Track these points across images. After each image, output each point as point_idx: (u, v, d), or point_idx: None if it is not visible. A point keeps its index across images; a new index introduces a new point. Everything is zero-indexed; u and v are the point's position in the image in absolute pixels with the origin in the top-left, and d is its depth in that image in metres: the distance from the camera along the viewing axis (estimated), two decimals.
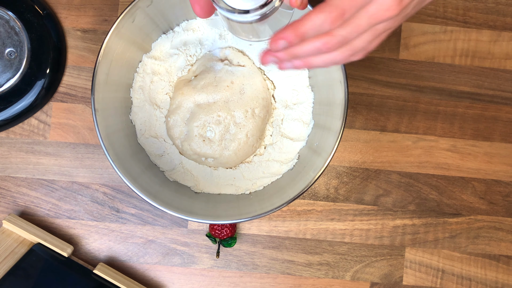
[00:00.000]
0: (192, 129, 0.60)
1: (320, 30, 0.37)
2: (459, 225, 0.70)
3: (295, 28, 0.37)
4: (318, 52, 0.39)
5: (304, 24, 0.37)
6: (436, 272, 0.69)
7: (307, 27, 0.37)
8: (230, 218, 0.54)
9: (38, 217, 0.68)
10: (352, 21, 0.37)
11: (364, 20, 0.37)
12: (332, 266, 0.69)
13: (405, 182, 0.70)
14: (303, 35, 0.38)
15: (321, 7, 0.37)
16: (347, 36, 0.38)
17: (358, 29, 0.38)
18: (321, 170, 0.53)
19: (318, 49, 0.39)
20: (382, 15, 0.37)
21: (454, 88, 0.70)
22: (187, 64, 0.63)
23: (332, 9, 0.36)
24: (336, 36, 0.38)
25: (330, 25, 0.36)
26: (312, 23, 0.37)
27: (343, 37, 0.38)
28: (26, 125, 0.68)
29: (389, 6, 0.37)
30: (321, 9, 0.36)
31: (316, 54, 0.40)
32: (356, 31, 0.38)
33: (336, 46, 0.39)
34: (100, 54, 0.55)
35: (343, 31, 0.38)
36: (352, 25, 0.38)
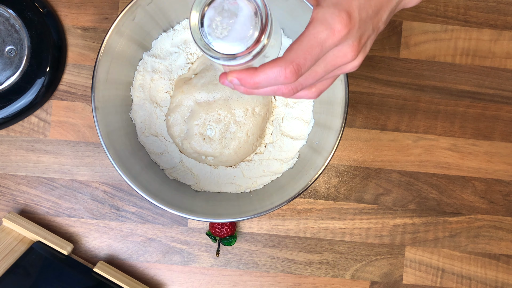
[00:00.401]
0: (192, 127, 0.60)
1: (274, 82, 0.37)
2: (459, 224, 0.69)
3: (250, 76, 0.37)
4: (274, 92, 0.40)
5: (258, 75, 0.37)
6: (436, 271, 0.69)
7: (260, 79, 0.37)
8: (230, 217, 0.54)
9: (38, 215, 0.68)
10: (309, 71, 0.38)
11: (321, 67, 0.38)
12: (332, 265, 0.69)
13: (405, 181, 0.69)
14: (256, 85, 0.38)
15: (276, 61, 0.36)
16: (303, 83, 0.38)
17: (316, 76, 0.38)
18: (321, 169, 0.53)
19: (273, 91, 0.40)
20: (339, 62, 0.37)
21: (454, 87, 0.70)
22: (188, 62, 0.63)
23: (287, 65, 0.36)
24: (290, 85, 0.38)
25: (284, 80, 0.36)
26: (266, 77, 0.37)
27: (298, 84, 0.38)
28: (26, 123, 0.68)
29: (346, 52, 0.37)
30: (276, 63, 0.36)
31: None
32: (313, 79, 0.38)
33: (290, 92, 0.39)
34: (101, 52, 0.55)
35: (300, 79, 0.38)
36: (309, 73, 0.38)
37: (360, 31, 0.37)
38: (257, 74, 0.37)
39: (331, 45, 0.36)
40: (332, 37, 0.35)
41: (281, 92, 0.39)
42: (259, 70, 0.37)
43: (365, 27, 0.37)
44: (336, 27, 0.35)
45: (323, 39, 0.35)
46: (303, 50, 0.35)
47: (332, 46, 0.36)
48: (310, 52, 0.36)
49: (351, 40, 0.36)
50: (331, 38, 0.35)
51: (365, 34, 0.37)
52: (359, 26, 0.36)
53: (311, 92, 0.41)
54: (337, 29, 0.35)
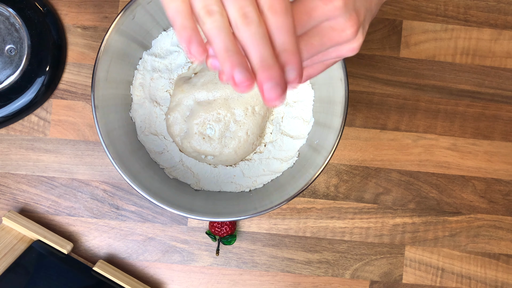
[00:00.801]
0: (192, 126, 0.60)
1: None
2: (459, 223, 0.69)
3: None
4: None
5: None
6: (435, 271, 0.69)
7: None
8: (230, 216, 0.54)
9: (38, 214, 0.68)
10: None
11: (316, 40, 0.33)
12: (332, 264, 0.69)
13: (405, 180, 0.69)
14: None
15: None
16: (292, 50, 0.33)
17: (311, 50, 0.33)
18: (321, 168, 0.53)
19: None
20: (336, 37, 0.33)
21: (454, 87, 0.70)
22: (188, 61, 0.63)
23: None
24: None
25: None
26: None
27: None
28: (26, 122, 0.68)
29: (343, 26, 0.33)
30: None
31: None
32: (308, 52, 0.34)
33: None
34: (100, 51, 0.55)
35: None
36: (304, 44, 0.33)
37: (356, 6, 0.33)
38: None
39: (321, 16, 0.32)
40: (323, 5, 0.32)
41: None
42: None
43: (360, 3, 0.33)
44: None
45: (312, 6, 0.32)
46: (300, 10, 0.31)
47: (323, 17, 0.32)
48: (308, 12, 0.31)
49: (348, 13, 0.32)
50: (322, 6, 0.32)
51: (361, 10, 0.34)
52: (354, 0, 0.33)
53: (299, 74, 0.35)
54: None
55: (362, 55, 0.70)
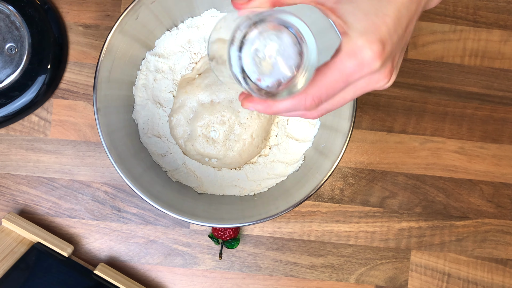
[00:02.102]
0: (196, 128, 0.59)
1: (294, 111, 0.37)
2: (466, 228, 0.68)
3: (269, 107, 0.37)
4: (296, 115, 0.39)
5: (277, 106, 0.36)
6: (442, 276, 0.68)
7: (280, 109, 0.36)
8: (233, 222, 0.53)
9: (38, 215, 0.67)
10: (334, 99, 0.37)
11: (349, 94, 0.36)
12: (336, 268, 0.68)
13: (411, 184, 0.68)
14: (275, 113, 0.37)
15: (295, 96, 0.35)
16: (328, 108, 0.37)
17: (343, 102, 0.37)
18: (329, 173, 0.52)
19: (295, 115, 0.39)
20: (371, 88, 0.36)
21: (463, 89, 0.69)
22: (191, 62, 0.62)
23: (308, 97, 0.35)
24: (313, 111, 0.37)
25: (304, 109, 0.36)
26: (285, 107, 0.36)
27: (323, 109, 0.38)
28: (27, 122, 0.67)
29: (378, 79, 0.35)
30: (296, 96, 0.35)
31: None
32: (339, 103, 0.37)
33: (314, 115, 0.38)
34: (103, 51, 0.54)
35: (325, 105, 0.37)
36: (337, 99, 0.37)
37: (392, 55, 0.35)
38: (276, 105, 0.36)
39: (360, 78, 0.34)
40: (361, 70, 0.34)
41: (303, 115, 0.38)
42: (279, 101, 0.36)
43: (397, 49, 0.35)
44: (367, 61, 0.33)
45: (350, 72, 0.34)
46: (326, 85, 0.34)
47: (361, 79, 0.35)
48: (333, 87, 0.34)
49: (383, 69, 0.35)
50: (360, 71, 0.34)
51: (397, 55, 0.36)
52: (391, 51, 0.34)
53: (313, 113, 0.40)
54: (368, 62, 0.33)
55: None
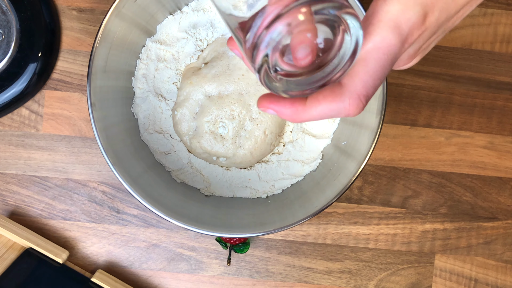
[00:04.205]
0: (202, 124, 0.55)
1: (330, 117, 0.30)
2: (494, 230, 0.65)
3: (297, 114, 0.30)
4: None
5: (309, 112, 0.29)
6: (468, 282, 0.65)
7: (312, 116, 0.29)
8: (244, 231, 0.49)
9: (30, 217, 0.64)
10: None
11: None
12: (355, 274, 0.65)
13: (436, 182, 0.65)
14: (305, 121, 0.31)
15: (335, 92, 0.28)
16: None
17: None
18: (355, 176, 0.47)
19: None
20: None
21: (493, 79, 0.65)
22: (197, 49, 0.58)
23: (354, 99, 0.28)
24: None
25: (345, 115, 0.29)
26: (319, 113, 0.29)
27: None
28: (16, 115, 0.64)
29: (402, 58, 0.31)
30: (335, 97, 0.28)
31: None
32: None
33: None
34: (98, 38, 0.51)
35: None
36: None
37: (428, 36, 0.29)
38: (307, 111, 0.29)
39: (400, 55, 0.29)
40: (405, 46, 0.28)
41: (339, 116, 0.32)
42: (310, 105, 0.29)
43: (436, 31, 0.29)
44: (409, 35, 0.27)
45: (395, 53, 0.28)
46: (372, 76, 0.28)
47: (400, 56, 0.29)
48: (381, 77, 0.28)
49: (412, 48, 0.29)
50: (404, 48, 0.28)
51: (432, 37, 0.30)
52: (429, 31, 0.29)
53: None
54: (410, 37, 0.27)
55: None
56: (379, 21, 0.28)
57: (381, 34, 0.28)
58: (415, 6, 0.27)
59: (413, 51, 0.30)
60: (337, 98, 0.28)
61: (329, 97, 0.28)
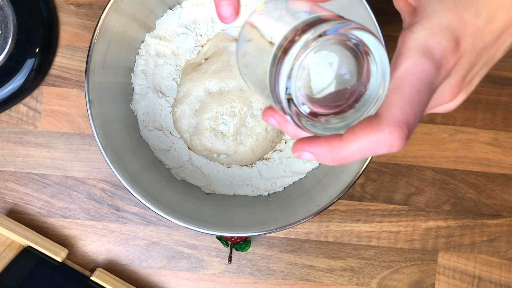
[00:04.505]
0: (203, 121, 0.54)
1: (370, 154, 0.27)
2: (498, 227, 0.64)
3: (334, 151, 0.27)
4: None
5: (346, 148, 0.27)
6: (472, 279, 0.64)
7: (350, 153, 0.27)
8: (245, 230, 0.48)
9: (28, 215, 0.63)
10: None
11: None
12: (357, 272, 0.64)
13: (440, 179, 0.64)
14: (343, 162, 0.28)
15: (372, 123, 0.26)
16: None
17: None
18: (358, 174, 0.46)
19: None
20: (432, 105, 0.29)
21: (497, 74, 0.64)
22: (197, 45, 0.57)
23: (394, 128, 0.25)
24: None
25: (387, 150, 0.27)
26: (359, 149, 0.27)
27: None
28: (14, 112, 0.63)
29: (443, 93, 0.29)
30: (373, 127, 0.26)
31: None
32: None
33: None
34: (96, 33, 0.50)
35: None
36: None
37: (467, 65, 0.28)
38: (345, 147, 0.27)
39: (439, 85, 0.27)
40: (441, 74, 0.26)
41: (380, 152, 0.29)
42: (347, 139, 0.27)
43: (475, 60, 0.28)
44: (444, 61, 0.26)
45: (432, 79, 0.26)
46: (410, 102, 0.26)
47: (439, 86, 0.27)
48: (420, 102, 0.26)
49: (452, 79, 0.28)
50: (440, 76, 0.26)
51: (474, 69, 0.28)
52: (467, 59, 0.27)
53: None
54: (445, 63, 0.26)
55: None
56: (408, 49, 0.26)
57: (412, 59, 0.26)
58: (442, 30, 0.26)
59: (455, 82, 0.28)
60: (376, 129, 0.26)
61: (366, 129, 0.26)
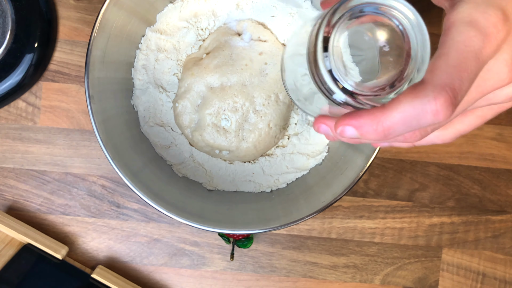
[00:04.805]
0: (204, 117, 0.53)
1: (415, 125, 0.26)
2: (503, 223, 0.64)
3: (376, 121, 0.26)
4: (403, 140, 0.29)
5: (389, 116, 0.25)
6: (476, 276, 0.64)
7: (394, 122, 0.25)
8: (248, 227, 0.47)
9: (28, 213, 0.62)
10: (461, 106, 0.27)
11: (472, 93, 0.27)
12: (360, 269, 0.63)
13: (444, 175, 0.63)
14: (387, 133, 0.26)
15: (416, 89, 0.25)
16: (460, 111, 0.28)
17: (464, 106, 0.28)
18: (363, 170, 0.45)
19: (403, 139, 0.29)
20: (489, 86, 0.28)
21: None
22: (198, 39, 0.56)
23: (439, 92, 0.24)
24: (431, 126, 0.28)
25: (432, 118, 0.25)
26: (403, 117, 0.25)
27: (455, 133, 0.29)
28: (13, 108, 0.62)
29: (499, 71, 0.27)
30: (417, 93, 0.25)
31: None
32: (461, 109, 0.28)
33: (425, 135, 0.29)
34: (96, 27, 0.48)
35: (461, 105, 0.28)
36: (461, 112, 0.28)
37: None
38: (388, 115, 0.25)
39: (488, 57, 0.26)
40: (489, 44, 0.25)
41: (413, 138, 0.28)
42: (390, 107, 0.25)
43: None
44: (491, 30, 0.25)
45: (478, 47, 0.25)
46: (456, 67, 0.25)
47: (488, 59, 0.26)
48: (466, 69, 0.25)
49: (506, 54, 0.26)
50: (488, 46, 0.25)
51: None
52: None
53: (446, 133, 0.31)
54: (493, 33, 0.25)
55: None
56: (452, 23, 0.26)
57: (458, 29, 0.25)
58: (485, 1, 0.26)
59: (509, 57, 0.27)
60: (420, 93, 0.25)
61: (410, 94, 0.25)
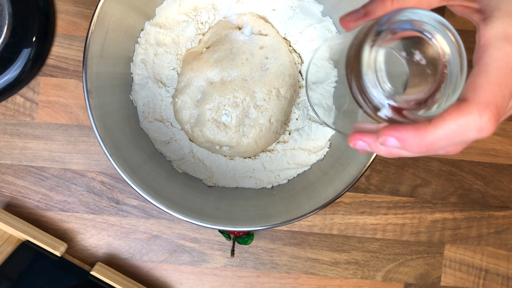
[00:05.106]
0: (204, 112, 0.52)
1: (458, 140, 0.27)
2: (506, 219, 0.63)
3: (421, 135, 0.27)
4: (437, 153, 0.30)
5: (433, 132, 0.26)
6: (478, 272, 0.63)
7: (437, 138, 0.26)
8: (249, 224, 0.46)
9: (26, 209, 0.62)
10: None
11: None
12: (362, 265, 0.63)
13: (446, 170, 0.63)
14: (429, 148, 0.27)
15: (461, 107, 0.26)
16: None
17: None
18: (366, 166, 0.45)
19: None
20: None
21: None
22: (198, 33, 0.55)
23: (484, 109, 0.25)
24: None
25: (477, 135, 0.26)
26: (447, 133, 0.26)
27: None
28: (10, 103, 0.61)
29: None
30: (462, 110, 0.26)
31: None
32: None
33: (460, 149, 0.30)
34: (93, 21, 0.48)
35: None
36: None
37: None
38: (432, 131, 0.26)
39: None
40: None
41: (455, 151, 0.28)
42: (434, 124, 0.26)
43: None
44: None
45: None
46: (497, 85, 0.26)
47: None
48: (507, 85, 0.26)
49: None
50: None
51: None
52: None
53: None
54: None
55: None
56: (487, 39, 0.27)
57: (495, 46, 0.26)
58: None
59: None
60: (464, 112, 0.26)
61: (454, 113, 0.26)
